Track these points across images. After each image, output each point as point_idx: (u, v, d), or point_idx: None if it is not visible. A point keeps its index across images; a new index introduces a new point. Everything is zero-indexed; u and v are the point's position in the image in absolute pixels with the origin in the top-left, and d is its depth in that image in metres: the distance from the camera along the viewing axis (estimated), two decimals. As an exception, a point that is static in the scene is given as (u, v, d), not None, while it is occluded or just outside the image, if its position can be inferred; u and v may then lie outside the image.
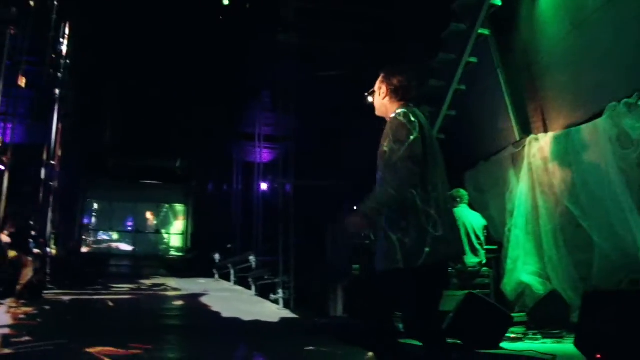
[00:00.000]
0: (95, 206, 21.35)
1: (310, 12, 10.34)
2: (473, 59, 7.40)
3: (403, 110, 2.93)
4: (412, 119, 2.86)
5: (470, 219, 7.00)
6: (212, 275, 14.44)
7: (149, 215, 21.80)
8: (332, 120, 11.57)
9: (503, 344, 4.55)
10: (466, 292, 6.18)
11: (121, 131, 18.55)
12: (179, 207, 21.67)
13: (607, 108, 6.12)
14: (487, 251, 7.14)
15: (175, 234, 21.68)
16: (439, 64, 7.56)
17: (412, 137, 2.77)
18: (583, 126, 6.46)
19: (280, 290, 9.40)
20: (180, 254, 20.43)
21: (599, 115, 6.28)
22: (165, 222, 22.16)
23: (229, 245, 14.62)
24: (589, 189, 6.36)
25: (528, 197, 7.20)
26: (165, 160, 20.27)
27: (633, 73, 6.10)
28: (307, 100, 10.57)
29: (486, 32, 7.28)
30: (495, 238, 7.58)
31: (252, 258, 11.14)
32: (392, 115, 2.98)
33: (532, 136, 7.18)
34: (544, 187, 7.03)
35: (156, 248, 21.20)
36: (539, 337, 5.27)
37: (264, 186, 17.42)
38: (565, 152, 6.68)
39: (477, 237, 6.96)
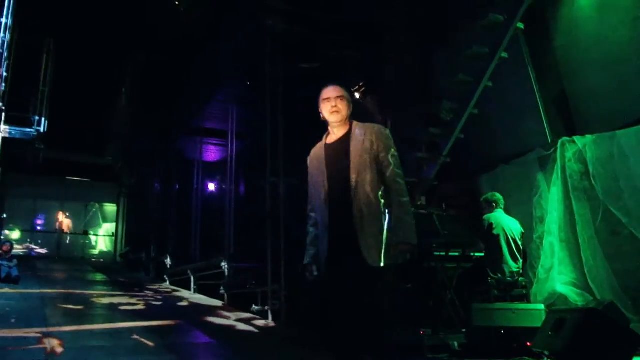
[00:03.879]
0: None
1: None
2: (504, 54, 6.92)
3: None
4: None
5: (509, 225, 6.51)
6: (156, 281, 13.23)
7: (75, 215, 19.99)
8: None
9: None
10: (510, 304, 5.75)
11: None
12: (110, 207, 20.04)
13: (664, 111, 5.86)
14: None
15: (106, 235, 20.05)
16: (470, 57, 7.01)
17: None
18: (632, 129, 6.15)
19: (269, 301, 8.51)
20: (110, 256, 18.86)
21: (650, 118, 6.02)
22: (93, 223, 20.44)
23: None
24: (638, 194, 6.07)
25: (561, 203, 6.83)
26: (95, 155, 18.67)
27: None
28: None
29: (521, 25, 6.83)
30: (520, 246, 7.17)
31: (224, 264, 10.16)
32: (377, 126, 3.33)
33: (566, 138, 6.81)
34: (579, 192, 6.69)
35: (84, 251, 19.46)
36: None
37: (211, 186, 16.46)
38: (610, 156, 6.35)
39: (517, 245, 6.49)
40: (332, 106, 3.30)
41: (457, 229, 6.30)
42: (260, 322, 8.13)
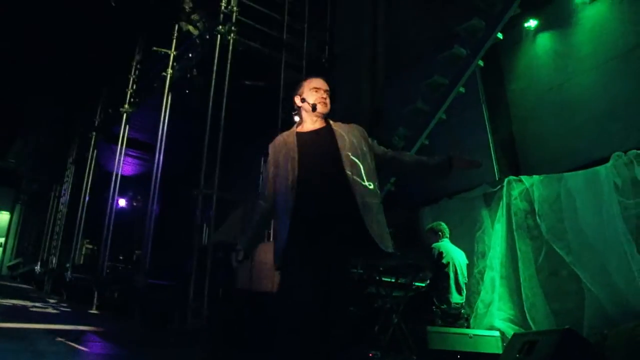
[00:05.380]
0: None
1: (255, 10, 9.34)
2: (462, 89, 7.03)
3: None
4: None
5: (457, 255, 6.48)
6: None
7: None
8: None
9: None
10: (467, 329, 5.66)
11: None
12: (3, 215, 18.35)
13: (612, 157, 6.08)
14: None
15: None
16: (430, 86, 7.05)
17: None
18: (580, 172, 6.35)
19: (189, 319, 7.92)
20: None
21: (596, 163, 6.24)
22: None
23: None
24: (583, 234, 6.22)
25: (504, 240, 6.90)
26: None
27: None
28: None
29: (481, 63, 6.97)
30: (456, 279, 7.13)
31: (139, 280, 9.42)
32: (356, 125, 3.30)
33: (512, 177, 6.93)
34: (523, 230, 6.79)
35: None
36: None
37: (122, 202, 15.57)
38: (557, 196, 6.50)
39: (463, 276, 6.44)
40: (322, 97, 3.27)
41: (409, 252, 6.14)
42: (179, 340, 7.54)
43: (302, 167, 3.05)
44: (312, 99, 3.24)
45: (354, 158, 3.08)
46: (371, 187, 3.06)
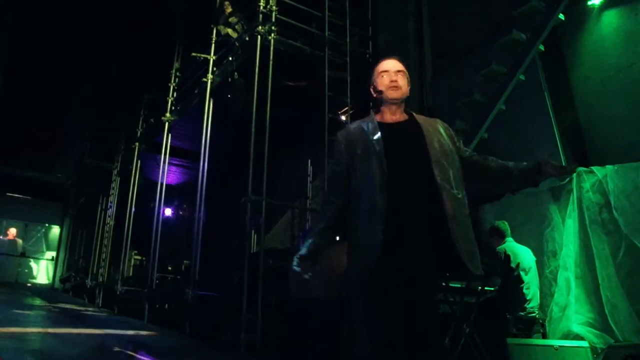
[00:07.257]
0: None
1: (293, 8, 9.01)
2: (522, 77, 6.53)
3: None
4: None
5: (524, 255, 6.02)
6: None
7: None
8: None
9: None
10: (553, 340, 5.19)
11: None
12: (53, 228, 18.58)
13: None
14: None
15: (45, 259, 18.51)
16: (486, 76, 6.58)
17: None
18: (660, 159, 5.81)
19: (242, 333, 7.63)
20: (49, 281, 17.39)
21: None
22: (33, 244, 18.85)
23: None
24: (668, 228, 5.68)
25: (576, 237, 6.37)
26: (40, 171, 17.35)
27: None
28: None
29: (542, 47, 6.46)
30: (527, 280, 6.62)
31: (188, 291, 9.20)
32: (440, 121, 2.96)
33: (583, 169, 6.41)
34: (597, 225, 6.25)
35: (18, 274, 17.80)
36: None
37: (168, 211, 15.48)
38: (635, 187, 5.96)
39: (534, 277, 5.98)
40: (391, 80, 2.85)
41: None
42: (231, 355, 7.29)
43: (390, 164, 2.61)
44: (381, 86, 2.84)
45: (442, 160, 2.68)
46: (460, 196, 2.68)
